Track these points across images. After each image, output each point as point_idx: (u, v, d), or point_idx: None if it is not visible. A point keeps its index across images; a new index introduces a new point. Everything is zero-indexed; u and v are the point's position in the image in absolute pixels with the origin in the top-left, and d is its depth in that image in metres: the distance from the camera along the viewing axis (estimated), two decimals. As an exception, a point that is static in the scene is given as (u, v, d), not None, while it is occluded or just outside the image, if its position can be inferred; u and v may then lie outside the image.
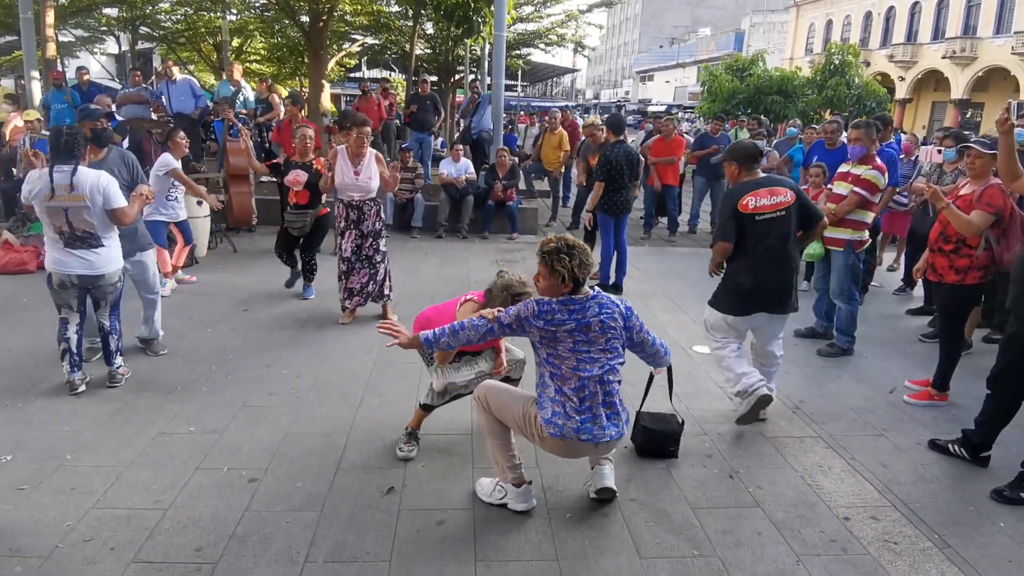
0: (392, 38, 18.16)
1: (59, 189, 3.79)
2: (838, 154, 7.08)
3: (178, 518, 2.92)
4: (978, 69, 30.16)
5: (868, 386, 4.70)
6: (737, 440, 3.83)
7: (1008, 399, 3.53)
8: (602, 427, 2.84)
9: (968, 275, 4.15)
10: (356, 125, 5.34)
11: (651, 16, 71.35)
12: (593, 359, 2.82)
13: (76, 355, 4.11)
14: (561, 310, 2.80)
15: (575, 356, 2.81)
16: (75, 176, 3.83)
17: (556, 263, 2.77)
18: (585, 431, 2.81)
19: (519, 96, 39.04)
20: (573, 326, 2.80)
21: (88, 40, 22.71)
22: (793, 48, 43.46)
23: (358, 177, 5.27)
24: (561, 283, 2.79)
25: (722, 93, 20.18)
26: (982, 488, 3.40)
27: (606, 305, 2.89)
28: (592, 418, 2.83)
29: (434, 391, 3.51)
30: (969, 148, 4.22)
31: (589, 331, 2.82)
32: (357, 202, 5.35)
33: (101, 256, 3.99)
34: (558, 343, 2.81)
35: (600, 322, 2.83)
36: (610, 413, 2.88)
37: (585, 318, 2.81)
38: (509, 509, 3.05)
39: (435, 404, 3.56)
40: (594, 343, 2.83)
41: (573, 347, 2.81)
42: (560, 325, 2.79)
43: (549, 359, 2.86)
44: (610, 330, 2.86)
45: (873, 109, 19.43)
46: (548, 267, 2.81)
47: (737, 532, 2.99)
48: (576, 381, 2.81)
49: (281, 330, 5.36)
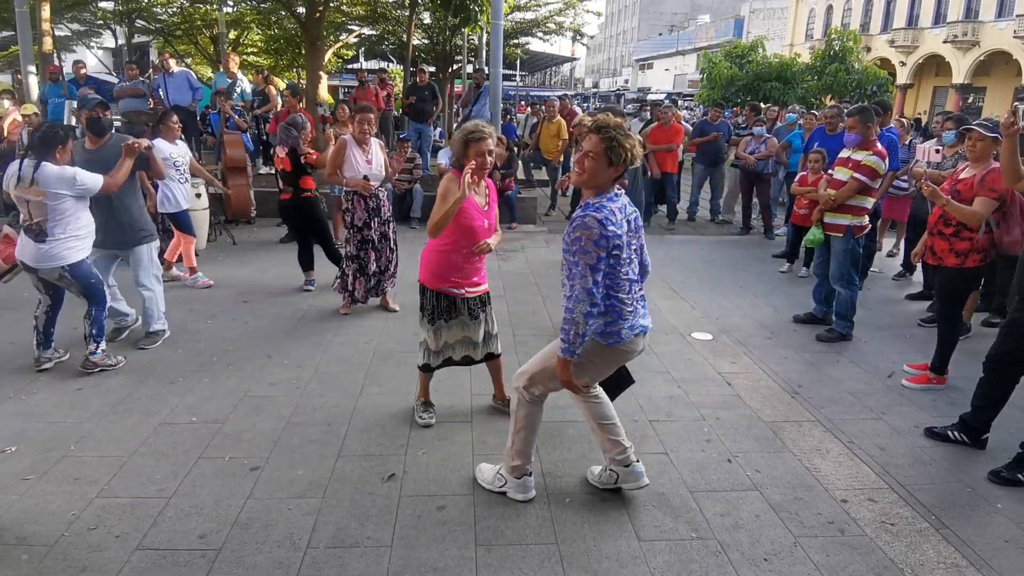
0: (389, 28, 18.11)
1: (23, 181, 3.96)
2: (838, 140, 7.07)
3: (181, 506, 2.95)
4: (980, 53, 29.98)
5: (866, 370, 4.71)
6: (735, 425, 3.85)
7: (1005, 382, 3.54)
8: (643, 315, 2.81)
9: (968, 258, 4.15)
10: (359, 112, 5.35)
11: (650, 3, 70.97)
12: (631, 260, 2.72)
13: (41, 334, 4.33)
14: (617, 212, 2.60)
15: (625, 262, 2.67)
16: (37, 172, 3.95)
17: (622, 139, 2.52)
18: (636, 327, 2.75)
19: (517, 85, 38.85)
20: (627, 227, 2.66)
21: (84, 34, 22.63)
22: (793, 34, 43.25)
23: (371, 165, 5.33)
24: (617, 165, 2.54)
25: (721, 80, 20.11)
26: (979, 470, 3.43)
27: (628, 200, 2.77)
28: (636, 312, 2.76)
29: (429, 349, 3.63)
30: (971, 130, 4.20)
31: (629, 231, 2.70)
32: (375, 190, 5.39)
33: (41, 251, 4.07)
34: (623, 249, 2.62)
35: (634, 220, 2.75)
36: (643, 302, 2.85)
37: (627, 217, 2.69)
38: (508, 497, 3.07)
39: (432, 364, 3.66)
40: (631, 244, 2.71)
41: (628, 252, 2.67)
42: (619, 227, 2.59)
43: (612, 271, 2.62)
44: (639, 229, 2.80)
45: (875, 93, 19.34)
46: (607, 143, 2.52)
47: (735, 515, 3.01)
48: (628, 285, 2.69)
49: (281, 321, 5.38)
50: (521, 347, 4.90)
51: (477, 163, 3.33)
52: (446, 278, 3.53)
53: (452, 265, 3.51)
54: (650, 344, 4.94)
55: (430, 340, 3.63)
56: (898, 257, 7.74)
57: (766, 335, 5.37)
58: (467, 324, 3.65)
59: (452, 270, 3.52)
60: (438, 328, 3.60)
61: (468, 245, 3.48)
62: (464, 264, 3.53)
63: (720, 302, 6.21)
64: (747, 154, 8.78)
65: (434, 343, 3.62)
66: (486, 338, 3.75)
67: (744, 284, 6.84)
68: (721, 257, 8.02)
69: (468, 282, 3.58)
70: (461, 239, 3.46)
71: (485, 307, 3.71)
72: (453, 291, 3.56)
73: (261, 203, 8.75)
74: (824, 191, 5.28)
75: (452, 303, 3.58)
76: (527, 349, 4.84)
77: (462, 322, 3.63)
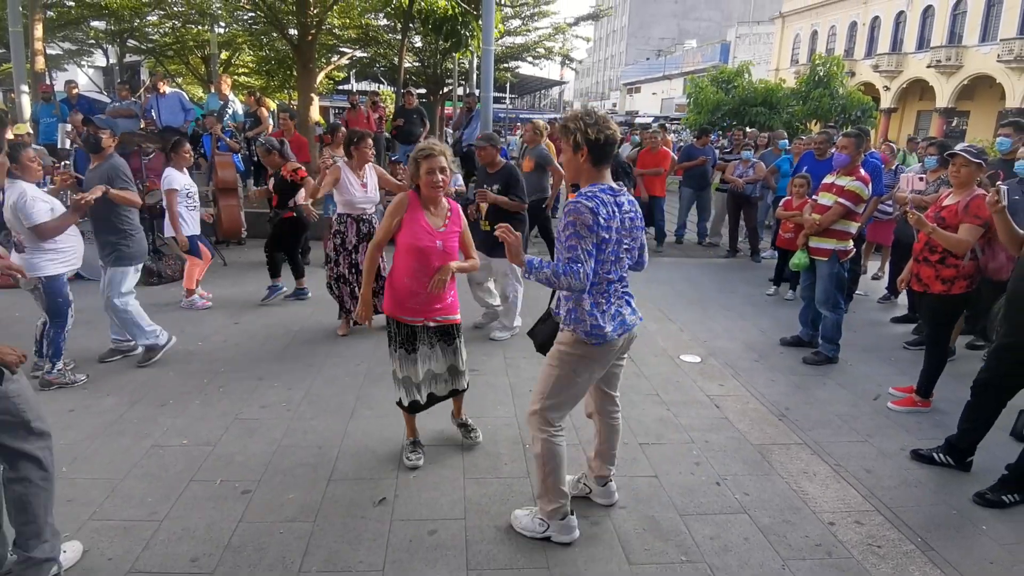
0: (381, 51, 18.28)
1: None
2: (828, 165, 7.20)
3: (173, 529, 2.95)
4: (963, 77, 30.53)
5: (853, 393, 4.78)
6: (724, 447, 3.89)
7: (992, 406, 3.61)
8: (630, 313, 2.82)
9: (955, 284, 4.19)
10: (360, 139, 5.44)
11: (638, 28, 72.02)
12: (619, 259, 2.70)
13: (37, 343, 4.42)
14: (608, 202, 2.60)
15: (610, 259, 2.66)
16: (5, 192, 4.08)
17: (569, 122, 2.61)
18: (621, 325, 2.77)
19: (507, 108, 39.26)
20: (618, 221, 2.64)
21: (76, 53, 22.68)
22: (779, 59, 43.99)
23: (366, 190, 5.39)
24: (575, 150, 2.60)
25: (707, 105, 20.37)
26: (965, 491, 3.48)
27: (631, 200, 2.74)
28: (618, 313, 2.77)
29: (397, 378, 3.51)
30: (956, 156, 4.19)
31: (622, 228, 2.67)
32: (368, 215, 5.46)
33: (23, 260, 4.13)
34: (608, 243, 2.61)
35: (631, 219, 2.71)
36: (629, 300, 2.85)
37: (621, 213, 2.66)
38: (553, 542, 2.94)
39: (404, 401, 3.52)
40: (623, 241, 2.69)
41: (616, 247, 2.66)
42: (610, 220, 2.60)
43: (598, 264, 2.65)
44: (637, 230, 2.77)
45: (859, 118, 19.66)
46: (563, 131, 2.64)
47: (724, 538, 3.04)
48: (615, 279, 2.71)
49: (272, 343, 5.39)
50: (512, 370, 4.93)
51: (427, 180, 3.28)
52: (403, 304, 3.39)
53: (408, 291, 3.36)
54: (639, 366, 5.00)
55: (396, 368, 3.50)
56: (883, 280, 7.85)
57: (754, 357, 5.43)
58: (428, 356, 3.50)
59: (408, 296, 3.37)
60: (400, 358, 3.46)
61: (422, 269, 3.33)
62: (419, 290, 3.35)
63: (708, 324, 6.28)
64: (735, 177, 8.92)
65: (400, 372, 3.48)
66: (452, 372, 3.59)
67: (731, 306, 6.92)
68: (709, 280, 8.11)
69: (428, 309, 3.41)
70: (413, 263, 3.33)
71: (452, 340, 3.53)
72: (408, 319, 3.40)
73: (252, 224, 8.76)
74: (809, 216, 5.38)
75: (411, 332, 3.43)
76: (518, 372, 4.87)
77: (424, 354, 3.48)
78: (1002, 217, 3.52)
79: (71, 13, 16.91)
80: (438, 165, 3.28)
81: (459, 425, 3.85)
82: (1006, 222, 3.54)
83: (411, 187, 3.43)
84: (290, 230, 6.40)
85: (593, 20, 21.11)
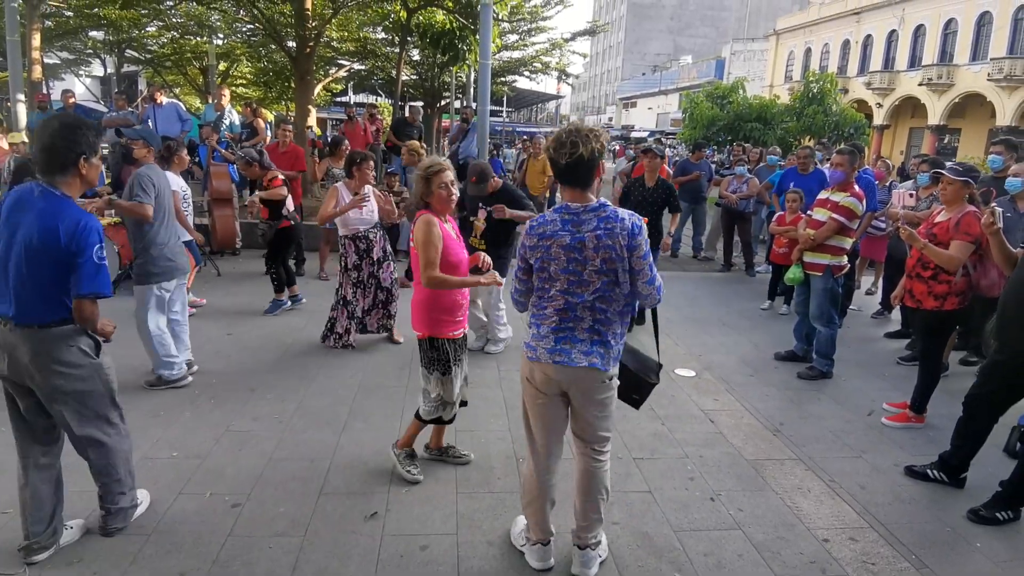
0: (379, 64, 18.36)
1: None
2: (811, 179, 7.28)
3: (161, 543, 2.91)
4: (954, 95, 30.89)
5: (847, 408, 4.77)
6: (718, 463, 3.88)
7: (984, 422, 3.61)
8: (582, 352, 2.55)
9: (947, 301, 4.22)
10: (362, 161, 5.50)
11: (634, 44, 72.68)
12: (586, 282, 2.52)
13: None
14: (554, 220, 2.54)
15: (567, 278, 2.53)
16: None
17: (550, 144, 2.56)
18: (560, 352, 2.56)
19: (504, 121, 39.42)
20: (568, 240, 2.50)
21: (73, 62, 22.72)
22: (773, 75, 44.39)
23: (362, 211, 5.40)
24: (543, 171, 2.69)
25: (702, 120, 20.51)
26: (958, 508, 3.47)
27: (608, 218, 2.49)
28: (568, 339, 2.57)
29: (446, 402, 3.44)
30: (941, 175, 4.32)
31: (584, 248, 2.48)
32: (363, 233, 5.47)
33: None
34: (551, 261, 2.53)
35: (596, 238, 2.47)
36: (596, 340, 2.57)
37: (580, 232, 2.49)
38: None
39: (446, 417, 3.50)
40: (588, 262, 2.49)
41: (567, 266, 2.51)
42: (554, 238, 2.51)
43: (541, 284, 2.62)
44: (606, 248, 2.47)
45: (852, 135, 19.81)
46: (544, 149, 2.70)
47: (718, 554, 3.02)
48: (562, 302, 2.56)
49: (265, 354, 5.36)
50: (506, 382, 4.91)
51: (442, 195, 3.31)
52: (451, 321, 3.40)
53: (454, 305, 3.40)
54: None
55: (446, 392, 3.42)
56: (877, 295, 7.87)
57: (748, 372, 5.43)
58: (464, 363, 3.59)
59: (455, 310, 3.41)
60: (454, 378, 3.43)
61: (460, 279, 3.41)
62: (462, 300, 3.46)
63: (703, 338, 6.28)
64: (730, 193, 8.97)
65: (453, 393, 3.44)
66: (464, 381, 3.63)
67: (726, 321, 6.92)
68: (703, 294, 8.12)
69: (465, 317, 3.53)
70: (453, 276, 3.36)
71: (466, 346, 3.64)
72: (457, 332, 3.45)
73: (246, 234, 8.74)
74: (803, 231, 5.40)
75: (458, 344, 3.47)
76: (512, 385, 4.85)
77: (464, 362, 3.56)
78: (997, 239, 3.55)
79: (69, 23, 16.96)
80: (448, 179, 3.35)
81: (442, 453, 3.75)
82: (1001, 243, 3.56)
83: (420, 205, 3.38)
84: (284, 240, 6.42)
85: (590, 36, 21.23)
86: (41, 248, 2.54)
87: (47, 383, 2.66)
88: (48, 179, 2.64)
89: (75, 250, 2.55)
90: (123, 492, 2.96)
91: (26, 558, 2.73)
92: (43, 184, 2.64)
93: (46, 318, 2.61)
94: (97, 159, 2.75)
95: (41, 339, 2.61)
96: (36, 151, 2.72)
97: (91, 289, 2.59)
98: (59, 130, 2.63)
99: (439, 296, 3.34)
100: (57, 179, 2.64)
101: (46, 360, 2.63)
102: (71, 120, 2.70)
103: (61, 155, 2.63)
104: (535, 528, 2.85)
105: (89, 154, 2.68)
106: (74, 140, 2.62)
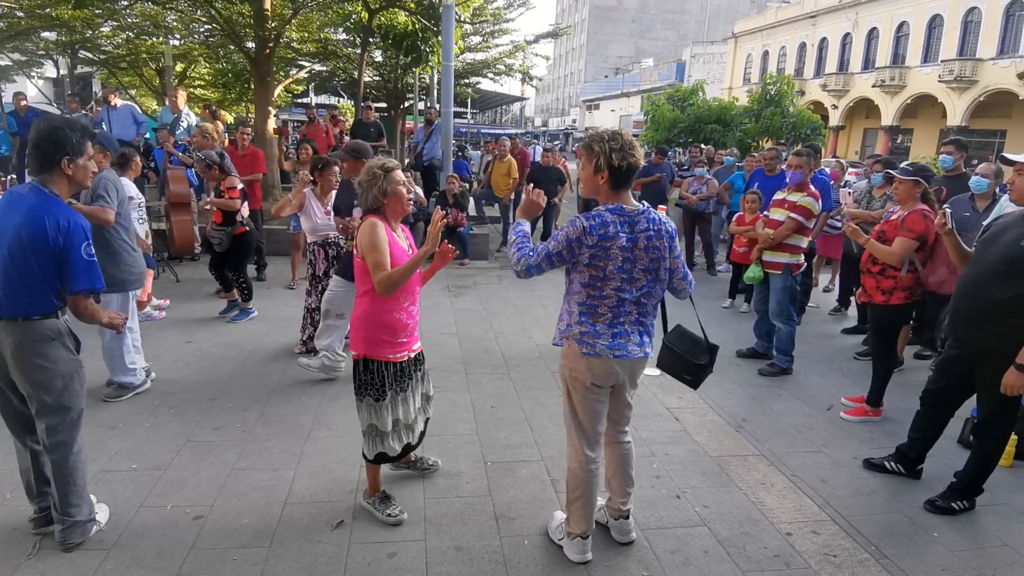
0: (340, 65, 18.17)
1: None
2: (777, 180, 7.40)
3: (122, 558, 2.83)
4: (907, 97, 31.85)
5: (807, 403, 4.87)
6: (684, 460, 3.93)
7: (940, 415, 3.71)
8: (636, 344, 2.77)
9: (893, 295, 4.37)
10: (325, 166, 5.46)
11: (596, 46, 73.22)
12: (635, 279, 2.69)
13: None
14: (614, 221, 2.63)
15: (620, 276, 2.66)
16: None
17: (595, 143, 2.64)
18: (618, 347, 2.73)
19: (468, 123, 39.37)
20: (624, 241, 2.64)
21: (25, 64, 21.98)
22: (731, 78, 45.17)
23: (330, 216, 5.33)
24: (596, 171, 2.64)
25: (664, 122, 20.75)
26: (916, 499, 3.57)
27: (655, 220, 2.72)
28: (622, 334, 2.74)
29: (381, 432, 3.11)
30: (891, 175, 4.47)
31: (635, 248, 2.66)
32: (333, 239, 5.38)
33: None
34: (608, 261, 2.63)
35: (647, 238, 2.67)
36: (641, 331, 2.80)
37: (634, 233, 2.65)
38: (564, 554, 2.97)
39: (391, 453, 3.16)
40: (638, 261, 2.68)
41: (621, 265, 2.65)
42: (614, 240, 2.62)
43: (593, 281, 2.67)
44: (655, 249, 2.70)
45: (808, 136, 20.24)
46: (586, 150, 2.68)
47: (685, 551, 3.05)
48: (615, 300, 2.69)
49: (226, 362, 5.25)
50: (474, 386, 4.90)
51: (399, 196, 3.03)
52: (394, 342, 3.08)
53: (397, 325, 3.07)
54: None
55: (380, 421, 3.10)
56: (834, 292, 8.06)
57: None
58: (416, 388, 3.26)
59: (398, 330, 3.08)
60: (390, 404, 3.11)
61: (407, 296, 3.09)
62: (408, 320, 3.12)
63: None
64: (690, 194, 9.11)
65: (387, 422, 3.11)
66: (424, 400, 3.39)
67: (688, 319, 6.99)
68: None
69: (412, 340, 3.20)
70: (400, 292, 3.02)
71: (423, 364, 3.35)
72: (399, 355, 3.11)
73: (205, 239, 8.56)
74: (762, 230, 5.50)
75: (400, 369, 3.13)
76: (480, 388, 4.84)
77: (412, 387, 3.22)
78: (951, 238, 3.67)
79: (21, 24, 16.39)
80: (402, 178, 3.06)
81: (409, 465, 3.63)
82: (955, 242, 3.69)
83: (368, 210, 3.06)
84: (243, 247, 6.28)
85: (552, 38, 21.37)
86: (29, 243, 2.61)
87: (28, 376, 2.72)
88: (38, 178, 2.75)
89: (64, 247, 2.64)
90: (78, 504, 2.91)
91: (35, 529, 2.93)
92: (35, 183, 2.75)
93: (31, 311, 2.68)
94: (84, 160, 2.81)
95: (24, 331, 2.68)
96: (27, 151, 2.84)
97: (84, 285, 2.71)
98: (45, 131, 2.73)
99: (382, 313, 3.03)
100: (45, 178, 2.74)
101: (29, 353, 2.69)
102: (58, 121, 2.79)
103: (46, 155, 2.72)
104: (581, 520, 2.92)
105: (73, 155, 2.76)
106: (58, 141, 2.72)
